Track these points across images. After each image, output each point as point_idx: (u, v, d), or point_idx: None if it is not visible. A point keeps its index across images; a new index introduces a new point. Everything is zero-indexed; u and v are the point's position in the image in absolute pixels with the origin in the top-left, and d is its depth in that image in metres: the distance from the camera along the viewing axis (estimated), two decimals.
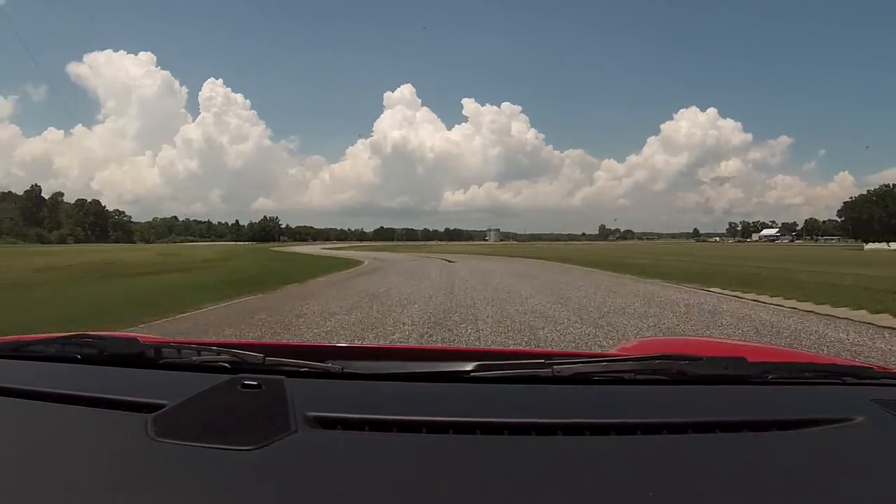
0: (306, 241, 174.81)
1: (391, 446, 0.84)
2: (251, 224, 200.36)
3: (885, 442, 0.88)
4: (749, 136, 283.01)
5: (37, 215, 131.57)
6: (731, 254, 45.90)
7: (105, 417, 0.95)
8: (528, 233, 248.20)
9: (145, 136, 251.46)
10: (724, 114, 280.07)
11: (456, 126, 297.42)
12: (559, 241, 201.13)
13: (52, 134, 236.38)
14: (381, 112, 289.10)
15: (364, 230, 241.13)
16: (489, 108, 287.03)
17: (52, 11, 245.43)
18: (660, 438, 0.86)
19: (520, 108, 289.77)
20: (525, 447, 0.84)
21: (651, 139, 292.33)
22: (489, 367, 1.07)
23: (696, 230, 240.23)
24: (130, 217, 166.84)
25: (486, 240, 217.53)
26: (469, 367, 1.07)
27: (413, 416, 0.91)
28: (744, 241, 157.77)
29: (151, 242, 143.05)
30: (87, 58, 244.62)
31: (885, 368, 1.21)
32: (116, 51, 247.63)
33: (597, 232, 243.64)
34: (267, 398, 0.94)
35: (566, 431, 0.87)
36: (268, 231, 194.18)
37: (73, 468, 0.79)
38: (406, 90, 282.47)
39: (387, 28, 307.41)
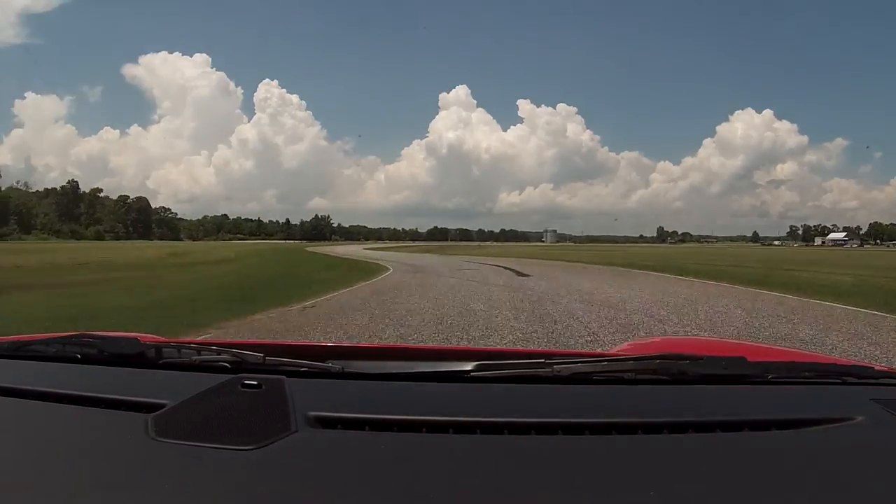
0: (357, 240, 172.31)
1: (391, 446, 0.83)
2: (302, 223, 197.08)
3: (886, 441, 0.88)
4: (805, 139, 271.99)
5: (73, 211, 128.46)
6: (820, 258, 39.02)
7: (105, 417, 0.95)
8: (583, 234, 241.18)
9: (201, 136, 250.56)
10: (780, 115, 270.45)
11: (511, 127, 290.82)
12: (616, 243, 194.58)
13: (108, 133, 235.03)
14: (437, 113, 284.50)
15: (418, 230, 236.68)
16: (545, 110, 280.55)
17: (106, 14, 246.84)
18: (660, 438, 0.86)
19: (575, 109, 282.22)
20: (525, 447, 0.84)
21: (707, 141, 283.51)
22: (489, 367, 1.07)
23: (755, 233, 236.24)
24: (176, 214, 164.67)
25: (543, 241, 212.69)
26: (469, 366, 1.07)
27: (413, 415, 0.91)
28: (809, 245, 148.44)
29: (199, 240, 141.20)
30: (143, 59, 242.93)
31: (886, 368, 1.21)
32: (171, 52, 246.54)
33: (654, 234, 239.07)
34: (267, 398, 0.94)
35: (566, 431, 0.87)
36: (319, 230, 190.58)
37: (74, 468, 0.79)
38: (461, 91, 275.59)
39: (442, 28, 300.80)
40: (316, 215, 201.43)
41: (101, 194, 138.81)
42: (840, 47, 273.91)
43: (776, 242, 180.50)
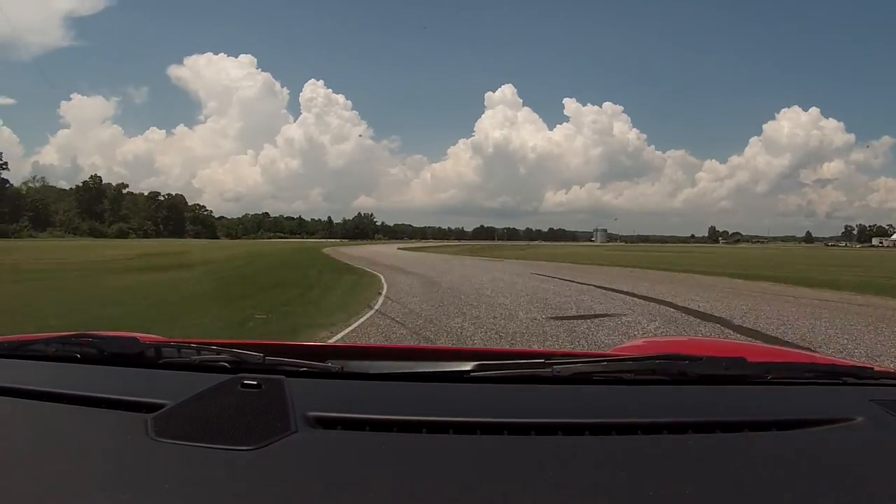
0: (401, 239, 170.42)
1: (391, 446, 0.83)
2: (345, 221, 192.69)
3: (885, 442, 0.88)
4: (852, 137, 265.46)
5: (95, 208, 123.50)
6: None
7: (105, 417, 0.95)
8: (631, 234, 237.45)
9: (246, 135, 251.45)
10: (826, 113, 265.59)
11: (557, 126, 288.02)
12: (667, 242, 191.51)
13: (154, 134, 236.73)
14: (483, 112, 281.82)
15: (464, 229, 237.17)
16: (590, 108, 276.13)
17: (151, 17, 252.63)
18: (660, 438, 0.86)
19: (621, 107, 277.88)
20: (525, 447, 0.84)
21: (753, 139, 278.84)
22: (489, 367, 1.07)
23: (808, 234, 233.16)
24: (211, 212, 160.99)
25: (592, 240, 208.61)
26: (469, 367, 1.07)
27: (413, 416, 0.90)
28: (871, 246, 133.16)
29: (237, 238, 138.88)
30: (188, 61, 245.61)
31: (885, 369, 1.22)
32: (216, 54, 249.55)
33: (704, 234, 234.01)
34: (267, 398, 0.93)
35: (566, 431, 0.87)
36: (362, 228, 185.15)
37: (74, 468, 0.79)
38: (507, 90, 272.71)
39: (487, 28, 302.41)
40: (359, 213, 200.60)
41: (126, 190, 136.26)
42: (887, 44, 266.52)
43: (842, 244, 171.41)
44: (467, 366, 1.07)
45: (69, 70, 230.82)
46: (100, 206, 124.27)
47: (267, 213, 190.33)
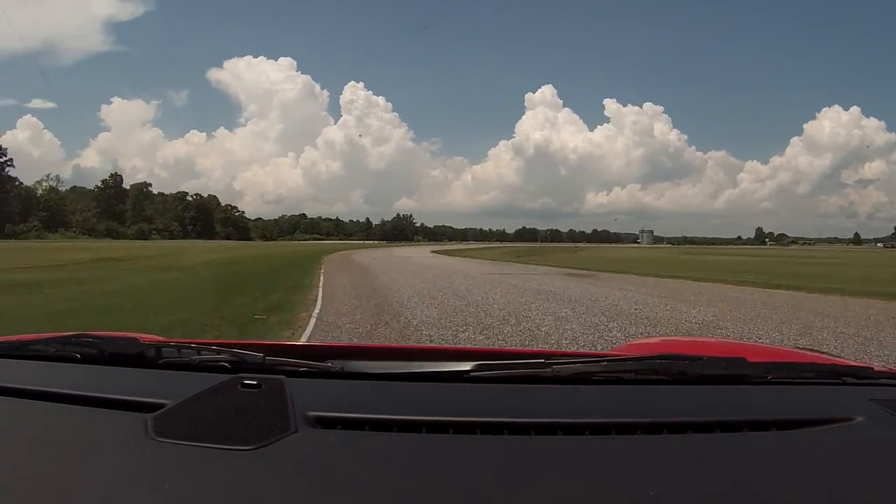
0: (440, 241, 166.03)
1: (391, 446, 0.83)
2: (383, 222, 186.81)
3: (885, 442, 0.88)
4: (894, 136, 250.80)
5: (114, 208, 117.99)
6: None
7: (105, 417, 0.95)
8: (677, 235, 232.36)
9: (287, 138, 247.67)
10: (867, 112, 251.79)
11: (598, 127, 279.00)
12: (714, 244, 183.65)
13: (194, 136, 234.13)
14: (523, 113, 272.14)
15: (505, 231, 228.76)
16: (631, 109, 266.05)
17: (190, 21, 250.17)
18: (660, 438, 0.86)
19: (662, 108, 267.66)
20: (525, 447, 0.84)
21: (794, 140, 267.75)
22: (489, 367, 1.07)
23: (857, 235, 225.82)
24: (243, 213, 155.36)
25: (638, 242, 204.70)
26: (469, 366, 1.07)
27: (413, 415, 0.91)
28: None
29: (271, 240, 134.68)
30: (227, 64, 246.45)
31: (885, 369, 1.22)
32: (256, 57, 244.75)
33: (748, 235, 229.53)
34: (267, 398, 0.93)
35: (566, 431, 0.87)
36: (401, 230, 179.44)
37: (74, 468, 0.79)
38: (547, 91, 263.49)
39: (526, 28, 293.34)
40: (398, 214, 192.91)
41: (157, 191, 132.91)
42: None
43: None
44: (467, 366, 1.07)
45: (110, 74, 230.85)
46: (120, 207, 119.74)
47: (304, 214, 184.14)
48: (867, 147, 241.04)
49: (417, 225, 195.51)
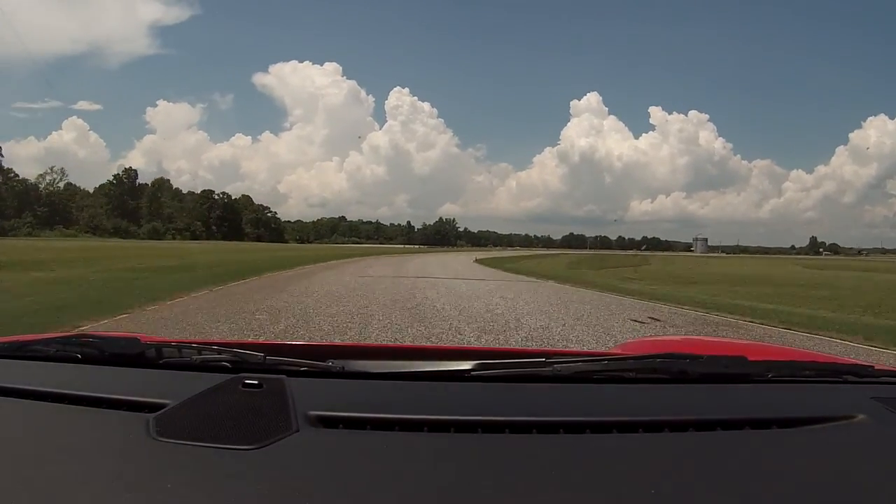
0: (484, 247, 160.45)
1: (393, 445, 0.84)
2: (425, 226, 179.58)
3: (886, 439, 0.88)
4: None
5: (126, 205, 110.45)
6: None
7: (106, 417, 0.95)
8: (730, 244, 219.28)
9: (332, 142, 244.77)
10: None
11: (643, 135, 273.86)
12: (768, 254, 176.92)
13: (240, 140, 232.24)
14: (568, 120, 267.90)
15: (551, 237, 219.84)
16: (676, 117, 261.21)
17: (235, 25, 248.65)
18: (661, 437, 0.86)
19: (707, 116, 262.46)
20: (527, 446, 0.84)
21: (840, 149, 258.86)
22: (490, 367, 1.07)
23: None
24: (276, 213, 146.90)
25: (692, 250, 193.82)
26: (470, 366, 1.07)
27: (414, 415, 0.91)
28: None
29: (309, 242, 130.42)
30: (273, 68, 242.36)
31: (886, 367, 1.22)
32: (301, 61, 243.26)
33: (794, 244, 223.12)
34: (268, 397, 0.94)
35: (568, 430, 0.88)
36: (443, 234, 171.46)
37: (75, 468, 0.79)
38: (593, 98, 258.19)
39: (571, 35, 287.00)
40: (440, 218, 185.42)
41: (166, 185, 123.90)
42: None
43: None
44: (468, 365, 1.07)
45: (155, 77, 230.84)
46: (132, 204, 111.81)
47: (344, 217, 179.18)
48: (867, 149, 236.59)
49: (461, 230, 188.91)
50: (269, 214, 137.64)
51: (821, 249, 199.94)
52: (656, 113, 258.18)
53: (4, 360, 1.25)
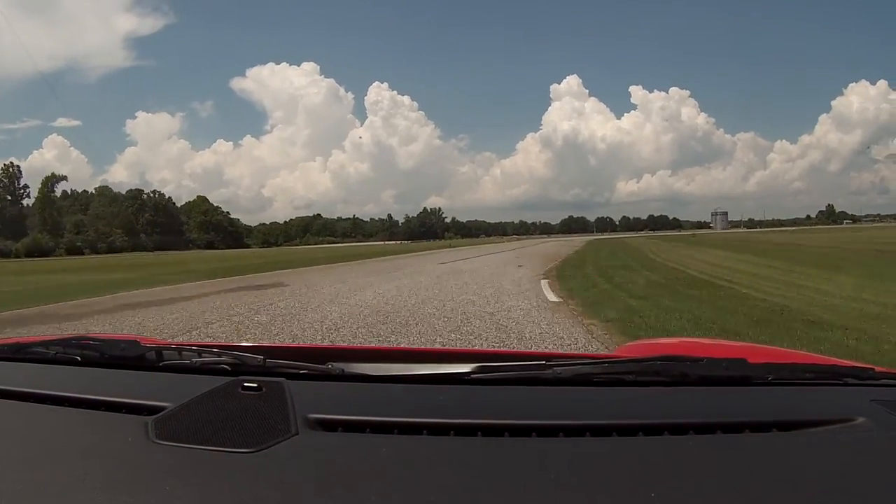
0: (477, 237, 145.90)
1: (392, 448, 0.83)
2: (408, 219, 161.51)
3: (886, 442, 0.88)
4: None
5: (5, 213, 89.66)
6: None
7: (106, 420, 0.95)
8: (742, 219, 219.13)
9: (314, 142, 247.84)
10: (895, 86, 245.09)
11: (625, 115, 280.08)
12: (783, 226, 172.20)
13: (221, 146, 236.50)
14: (549, 105, 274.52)
15: (550, 223, 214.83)
16: (657, 95, 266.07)
17: (210, 31, 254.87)
18: (661, 440, 0.86)
19: (688, 92, 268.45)
20: (526, 449, 0.84)
21: (823, 117, 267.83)
22: (490, 369, 1.07)
23: None
24: (228, 213, 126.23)
25: (712, 227, 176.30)
26: (469, 368, 1.07)
27: (414, 418, 0.91)
28: None
29: (277, 245, 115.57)
30: (250, 72, 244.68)
31: (886, 369, 1.21)
32: (278, 63, 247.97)
33: (803, 216, 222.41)
34: (267, 400, 0.94)
35: (567, 433, 0.88)
36: (429, 226, 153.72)
37: (74, 471, 0.79)
38: (572, 81, 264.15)
39: (547, 18, 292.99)
40: (425, 208, 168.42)
41: (61, 184, 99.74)
42: None
43: None
44: (468, 367, 1.06)
45: (133, 89, 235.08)
46: (12, 211, 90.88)
47: (319, 215, 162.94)
48: (868, 149, 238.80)
49: (448, 220, 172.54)
50: (220, 216, 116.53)
51: (842, 220, 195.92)
52: (637, 92, 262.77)
53: (4, 363, 1.26)
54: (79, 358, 1.21)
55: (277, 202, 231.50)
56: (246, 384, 0.97)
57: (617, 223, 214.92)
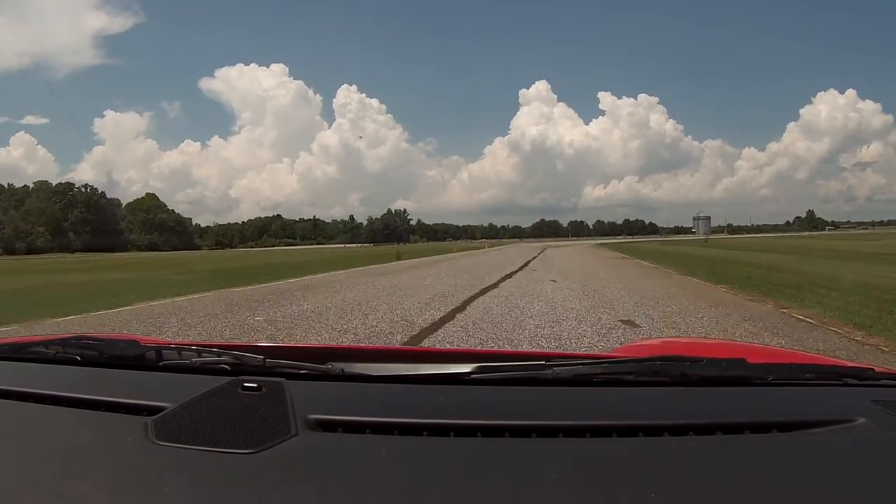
0: (443, 240, 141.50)
1: (392, 449, 0.83)
2: (371, 220, 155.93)
3: (887, 443, 0.88)
4: (890, 118, 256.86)
5: None
6: None
7: (105, 420, 0.95)
8: (722, 224, 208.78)
9: (282, 144, 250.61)
10: (863, 95, 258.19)
11: (593, 120, 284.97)
12: (762, 232, 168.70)
13: (189, 146, 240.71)
14: (517, 109, 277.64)
15: (521, 226, 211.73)
16: (626, 101, 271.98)
17: (180, 31, 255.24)
18: (661, 440, 0.86)
19: (657, 99, 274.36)
20: (526, 449, 0.84)
21: (791, 125, 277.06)
22: (490, 369, 1.07)
23: None
24: (180, 213, 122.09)
25: (694, 232, 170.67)
26: (469, 368, 1.07)
27: (414, 418, 0.91)
28: None
29: (231, 247, 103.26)
30: (219, 73, 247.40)
31: (886, 369, 1.22)
32: (247, 64, 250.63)
33: (781, 222, 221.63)
34: (267, 400, 0.94)
35: (567, 434, 0.88)
36: (393, 229, 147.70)
37: (74, 471, 0.79)
38: (541, 86, 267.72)
39: (518, 24, 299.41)
40: (389, 210, 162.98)
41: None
42: None
43: None
44: (467, 367, 1.06)
45: (102, 88, 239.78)
46: None
47: (279, 216, 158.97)
48: (867, 148, 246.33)
49: (413, 223, 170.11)
50: (166, 214, 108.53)
51: (823, 226, 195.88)
52: (606, 98, 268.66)
53: (4, 362, 1.26)
54: (78, 358, 1.21)
55: (244, 203, 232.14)
56: (246, 384, 0.97)
57: (591, 227, 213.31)
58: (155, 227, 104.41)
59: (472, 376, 1.04)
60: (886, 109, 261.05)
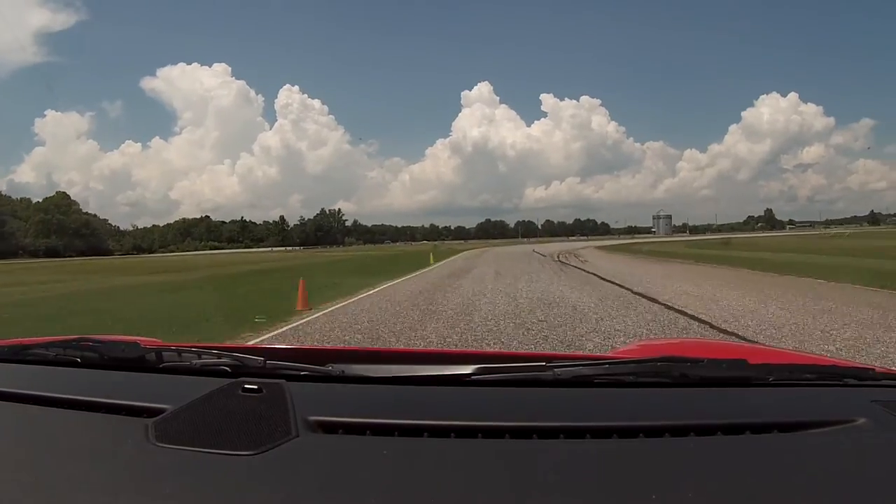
0: (380, 243, 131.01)
1: (393, 450, 0.83)
2: (303, 221, 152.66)
3: (887, 443, 0.88)
4: (832, 120, 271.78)
5: None
6: None
7: (106, 422, 0.95)
8: (681, 224, 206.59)
9: (223, 145, 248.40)
10: (805, 98, 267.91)
11: (535, 122, 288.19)
12: (721, 232, 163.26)
13: (130, 147, 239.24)
14: (459, 111, 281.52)
15: (465, 227, 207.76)
16: (568, 103, 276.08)
17: (123, 30, 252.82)
18: (661, 441, 0.86)
19: (599, 101, 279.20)
20: (527, 451, 0.84)
21: (733, 127, 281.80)
22: (490, 371, 1.07)
23: (873, 213, 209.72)
24: (96, 214, 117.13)
25: (654, 231, 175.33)
26: (470, 370, 1.07)
27: (414, 419, 0.91)
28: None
29: (151, 252, 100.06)
30: (161, 72, 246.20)
31: (886, 370, 1.22)
32: (189, 64, 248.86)
33: (742, 220, 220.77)
34: (267, 402, 0.93)
35: (568, 435, 0.88)
36: (326, 230, 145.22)
37: (74, 473, 0.79)
38: (484, 88, 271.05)
39: (461, 26, 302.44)
40: (322, 210, 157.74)
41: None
42: (863, 26, 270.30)
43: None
44: (468, 369, 1.06)
45: (43, 87, 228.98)
46: None
47: (208, 216, 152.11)
48: (868, 149, 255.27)
49: (349, 224, 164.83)
50: (68, 216, 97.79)
51: (784, 225, 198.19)
52: (548, 100, 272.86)
53: (4, 364, 1.26)
54: (79, 360, 1.22)
55: (184, 205, 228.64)
56: (246, 386, 0.96)
57: (539, 227, 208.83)
58: (54, 231, 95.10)
59: (473, 378, 1.04)
60: (828, 112, 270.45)
